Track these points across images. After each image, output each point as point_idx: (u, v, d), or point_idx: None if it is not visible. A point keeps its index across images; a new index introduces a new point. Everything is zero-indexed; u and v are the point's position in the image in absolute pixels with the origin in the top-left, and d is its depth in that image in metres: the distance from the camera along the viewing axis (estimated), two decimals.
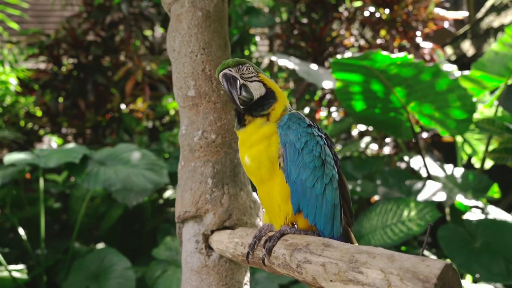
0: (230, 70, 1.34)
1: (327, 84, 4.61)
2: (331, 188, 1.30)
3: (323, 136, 1.35)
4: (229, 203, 1.64)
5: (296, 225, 1.32)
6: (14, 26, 5.55)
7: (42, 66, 6.68)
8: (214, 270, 1.63)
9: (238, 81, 1.33)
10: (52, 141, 6.90)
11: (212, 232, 1.66)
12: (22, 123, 6.36)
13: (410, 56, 3.68)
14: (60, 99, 6.22)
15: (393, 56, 3.67)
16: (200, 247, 1.65)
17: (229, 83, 1.33)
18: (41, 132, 6.57)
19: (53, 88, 6.13)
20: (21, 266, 3.99)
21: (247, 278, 1.70)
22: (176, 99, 1.75)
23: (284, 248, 1.23)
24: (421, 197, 4.09)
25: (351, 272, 1.01)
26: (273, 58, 5.17)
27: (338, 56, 3.99)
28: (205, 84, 1.69)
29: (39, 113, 6.48)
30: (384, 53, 3.66)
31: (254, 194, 1.76)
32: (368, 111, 4.44)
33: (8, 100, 5.73)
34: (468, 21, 8.54)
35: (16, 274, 3.87)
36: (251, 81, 1.35)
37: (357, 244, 1.33)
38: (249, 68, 1.36)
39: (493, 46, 4.27)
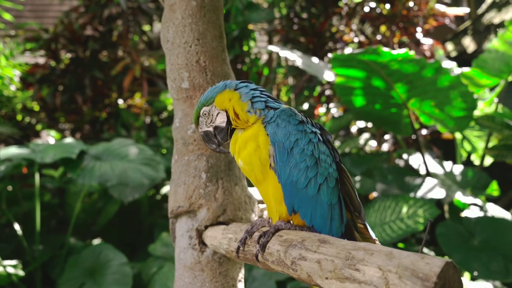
0: (200, 128, 1.40)
1: (329, 76, 4.54)
2: (326, 187, 1.23)
3: (317, 132, 1.28)
4: (223, 198, 1.60)
5: (291, 222, 1.28)
6: (7, 17, 5.48)
7: (39, 60, 6.62)
8: (207, 267, 1.59)
9: (211, 137, 1.39)
10: (50, 136, 6.85)
11: (206, 227, 1.61)
12: (19, 117, 6.31)
13: (411, 52, 3.63)
14: (58, 94, 6.17)
15: (394, 52, 3.62)
16: (193, 243, 1.61)
17: (207, 142, 1.40)
18: (38, 127, 6.52)
19: (50, 83, 6.07)
20: (15, 262, 3.95)
21: (241, 274, 1.66)
22: (170, 91, 1.70)
23: (279, 244, 1.19)
24: (419, 194, 4.06)
25: (347, 269, 0.97)
26: (275, 49, 5.10)
27: (338, 52, 3.94)
28: (199, 75, 1.64)
29: (36, 107, 6.43)
30: (385, 49, 3.61)
31: (249, 189, 1.72)
32: (368, 107, 4.39)
33: (10, 91, 5.67)
34: (468, 18, 8.49)
35: (11, 270, 3.83)
36: (216, 119, 1.36)
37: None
38: (204, 112, 1.37)
39: (494, 42, 4.21)
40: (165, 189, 5.26)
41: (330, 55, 3.87)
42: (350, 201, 1.28)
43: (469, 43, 7.12)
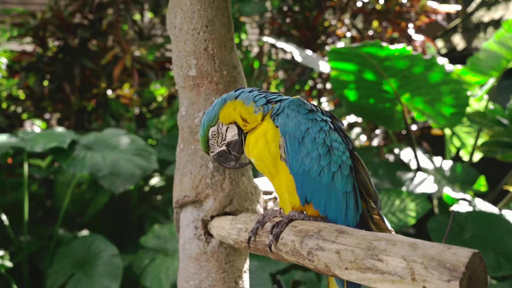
0: (212, 152, 1.37)
1: (325, 67, 4.51)
2: (340, 175, 1.21)
3: (328, 120, 1.27)
4: (230, 188, 1.58)
5: (305, 212, 1.27)
6: None
7: (27, 48, 6.47)
8: (213, 257, 1.57)
9: (227, 158, 1.37)
10: (35, 126, 6.72)
11: (212, 218, 1.59)
12: (4, 105, 6.16)
13: (409, 48, 3.65)
14: (45, 83, 6.03)
15: (392, 47, 3.64)
16: (199, 233, 1.59)
17: (223, 162, 1.38)
18: (24, 116, 6.38)
19: (37, 71, 5.93)
20: (2, 252, 3.87)
21: (246, 265, 1.65)
22: (176, 79, 1.67)
23: (293, 234, 1.18)
24: (411, 188, 4.10)
25: (369, 259, 0.96)
26: (271, 40, 5.06)
27: (331, 46, 3.94)
28: (207, 63, 1.61)
29: (22, 96, 6.29)
30: (383, 44, 3.62)
31: (255, 179, 1.71)
32: (362, 101, 4.40)
33: None
34: (456, 16, 8.58)
35: None
36: (227, 134, 1.34)
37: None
38: (213, 133, 1.35)
39: (489, 41, 4.26)
40: (153, 181, 5.21)
41: (328, 47, 3.86)
42: (365, 190, 1.27)
43: (458, 41, 7.20)
